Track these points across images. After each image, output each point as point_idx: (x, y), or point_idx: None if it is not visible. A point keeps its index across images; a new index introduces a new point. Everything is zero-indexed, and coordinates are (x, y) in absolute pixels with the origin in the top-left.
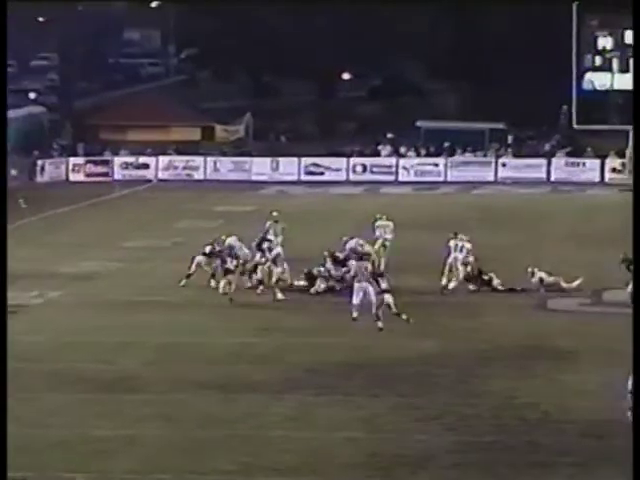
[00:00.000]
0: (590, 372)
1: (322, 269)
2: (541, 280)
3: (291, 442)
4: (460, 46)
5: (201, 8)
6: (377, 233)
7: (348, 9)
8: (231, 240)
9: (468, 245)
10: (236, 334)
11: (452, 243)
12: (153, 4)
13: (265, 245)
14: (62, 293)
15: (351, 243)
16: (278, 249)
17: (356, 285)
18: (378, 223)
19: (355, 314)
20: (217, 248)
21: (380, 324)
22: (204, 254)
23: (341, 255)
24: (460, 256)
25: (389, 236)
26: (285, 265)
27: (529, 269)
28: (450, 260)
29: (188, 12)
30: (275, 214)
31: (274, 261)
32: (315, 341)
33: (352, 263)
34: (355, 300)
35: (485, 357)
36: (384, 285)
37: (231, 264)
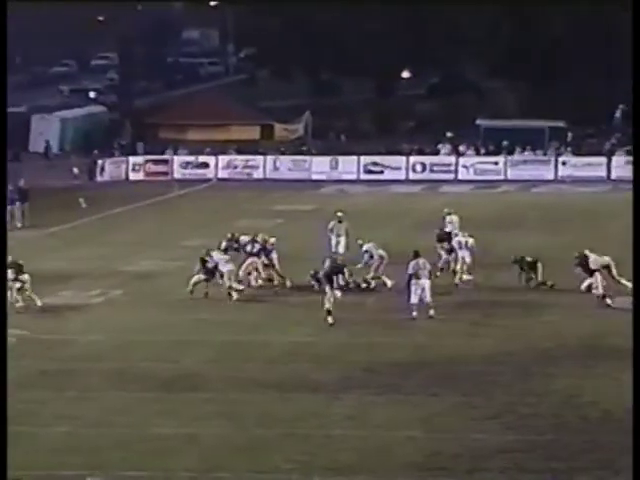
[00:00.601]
0: None
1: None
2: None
3: (349, 441)
4: (520, 45)
5: (260, 7)
6: (448, 228)
7: (407, 8)
8: (244, 238)
9: (471, 240)
10: (295, 333)
11: (455, 242)
12: (212, 3)
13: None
14: (122, 292)
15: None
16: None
17: (414, 283)
18: (448, 218)
19: (414, 313)
20: (233, 245)
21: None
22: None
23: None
24: (467, 253)
25: (457, 230)
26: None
27: (576, 253)
28: (459, 257)
29: (247, 11)
30: (339, 214)
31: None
32: (373, 340)
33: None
34: (413, 299)
35: (545, 356)
36: (342, 282)
37: (211, 264)
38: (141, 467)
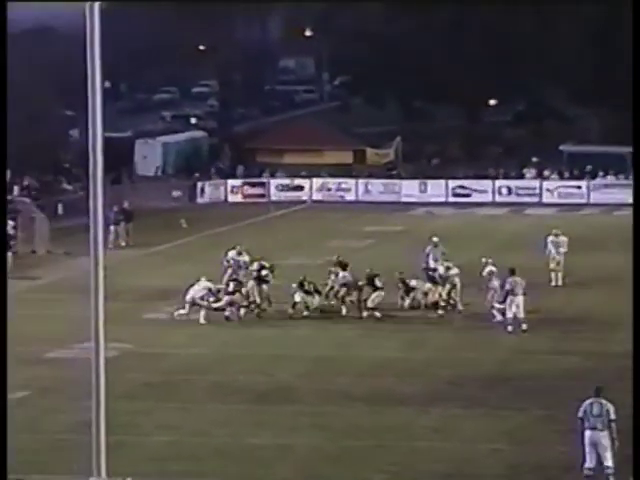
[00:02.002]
0: None
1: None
2: (491, 272)
3: (436, 452)
4: (603, 72)
5: (353, 37)
6: (548, 248)
7: (494, 38)
8: (232, 254)
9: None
10: (383, 348)
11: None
12: (307, 34)
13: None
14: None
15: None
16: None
17: (509, 298)
18: (551, 239)
19: (510, 327)
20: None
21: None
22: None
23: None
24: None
25: (563, 250)
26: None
27: (483, 259)
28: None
29: (341, 40)
30: (435, 239)
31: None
32: (458, 355)
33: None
34: (509, 314)
35: (624, 372)
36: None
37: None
38: (238, 476)
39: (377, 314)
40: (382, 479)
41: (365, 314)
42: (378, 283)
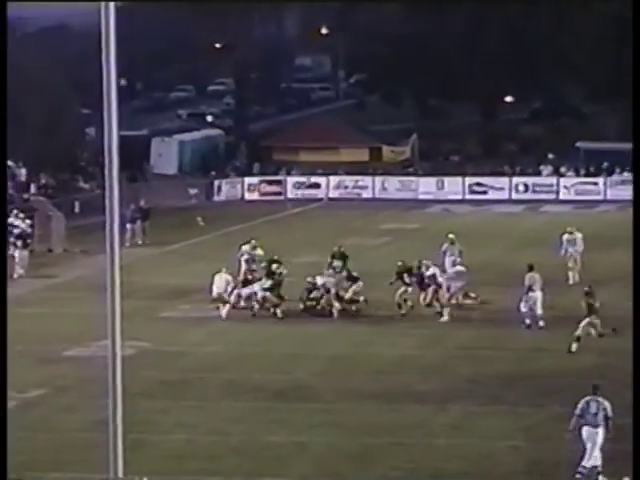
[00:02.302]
0: None
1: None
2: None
3: (454, 449)
4: (619, 69)
5: (369, 35)
6: (564, 247)
7: (510, 35)
8: (246, 247)
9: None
10: (399, 346)
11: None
12: (323, 31)
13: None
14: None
15: None
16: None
17: (529, 294)
18: (566, 237)
19: (527, 321)
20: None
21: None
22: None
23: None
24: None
25: (579, 248)
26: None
27: (424, 261)
28: None
29: (357, 38)
30: (451, 236)
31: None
32: (477, 353)
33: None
34: (523, 308)
35: None
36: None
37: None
38: (255, 473)
39: (353, 307)
40: (399, 476)
41: (345, 306)
42: (355, 273)
